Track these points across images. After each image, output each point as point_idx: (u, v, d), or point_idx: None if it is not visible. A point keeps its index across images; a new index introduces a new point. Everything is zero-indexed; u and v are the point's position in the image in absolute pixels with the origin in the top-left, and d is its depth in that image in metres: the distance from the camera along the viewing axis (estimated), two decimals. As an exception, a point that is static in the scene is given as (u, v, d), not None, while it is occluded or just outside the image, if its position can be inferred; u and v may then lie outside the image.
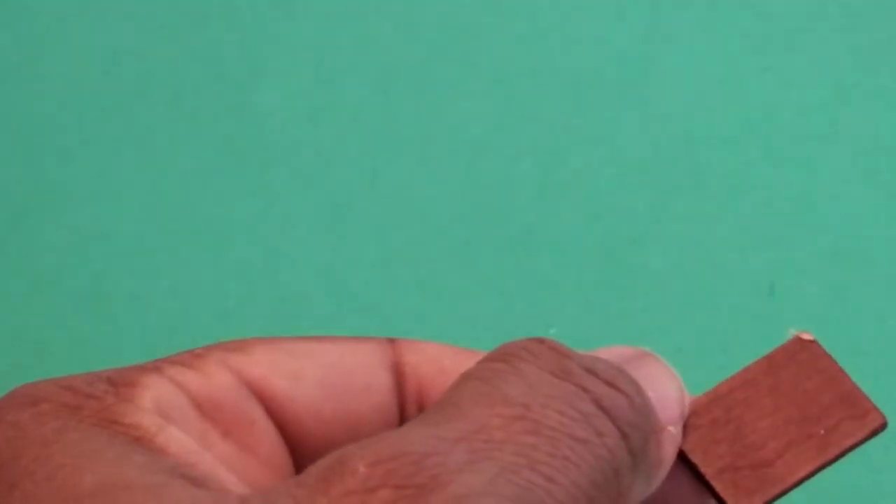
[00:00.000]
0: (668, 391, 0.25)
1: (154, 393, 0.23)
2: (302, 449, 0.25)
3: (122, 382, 0.24)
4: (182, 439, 0.23)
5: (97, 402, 0.23)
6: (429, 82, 0.58)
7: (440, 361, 0.26)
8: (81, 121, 0.58)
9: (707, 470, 0.25)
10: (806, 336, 0.28)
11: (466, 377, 0.23)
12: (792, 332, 0.27)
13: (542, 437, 0.22)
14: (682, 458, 0.26)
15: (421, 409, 0.26)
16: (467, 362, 0.25)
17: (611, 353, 0.25)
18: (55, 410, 0.23)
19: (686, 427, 0.26)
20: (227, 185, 0.56)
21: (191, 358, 0.25)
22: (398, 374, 0.26)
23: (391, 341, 0.26)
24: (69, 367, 0.25)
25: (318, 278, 0.55)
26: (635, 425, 0.23)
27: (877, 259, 0.53)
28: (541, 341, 0.24)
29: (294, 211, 0.56)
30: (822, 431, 0.26)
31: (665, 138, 0.56)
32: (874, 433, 0.26)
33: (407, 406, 0.26)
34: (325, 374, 0.25)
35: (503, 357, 0.23)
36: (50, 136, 0.57)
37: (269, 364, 0.25)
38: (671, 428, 0.25)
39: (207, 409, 0.24)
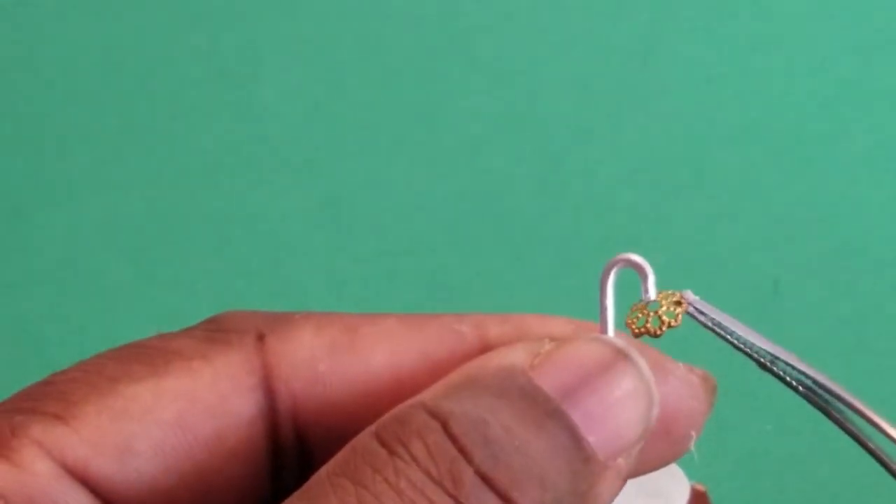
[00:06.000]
0: (622, 422, 0.20)
1: None
2: None
3: None
4: None
5: None
6: (429, 81, 0.58)
7: (314, 367, 0.22)
8: (82, 117, 0.58)
9: None
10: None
11: (337, 469, 0.20)
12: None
13: None
14: None
15: (296, 428, 0.22)
16: (343, 364, 0.22)
17: (566, 367, 0.21)
18: None
19: None
20: (226, 181, 0.56)
21: (5, 439, 0.21)
22: (268, 392, 0.22)
23: (259, 344, 0.22)
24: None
25: (318, 273, 0.55)
26: None
27: (880, 256, 0.53)
28: (445, 421, 0.19)
29: (294, 207, 0.56)
30: None
31: (666, 138, 0.56)
32: None
33: (280, 429, 0.22)
34: (162, 439, 0.21)
35: (389, 440, 0.20)
36: (50, 131, 0.57)
37: (94, 439, 0.21)
38: (620, 460, 0.20)
39: None
